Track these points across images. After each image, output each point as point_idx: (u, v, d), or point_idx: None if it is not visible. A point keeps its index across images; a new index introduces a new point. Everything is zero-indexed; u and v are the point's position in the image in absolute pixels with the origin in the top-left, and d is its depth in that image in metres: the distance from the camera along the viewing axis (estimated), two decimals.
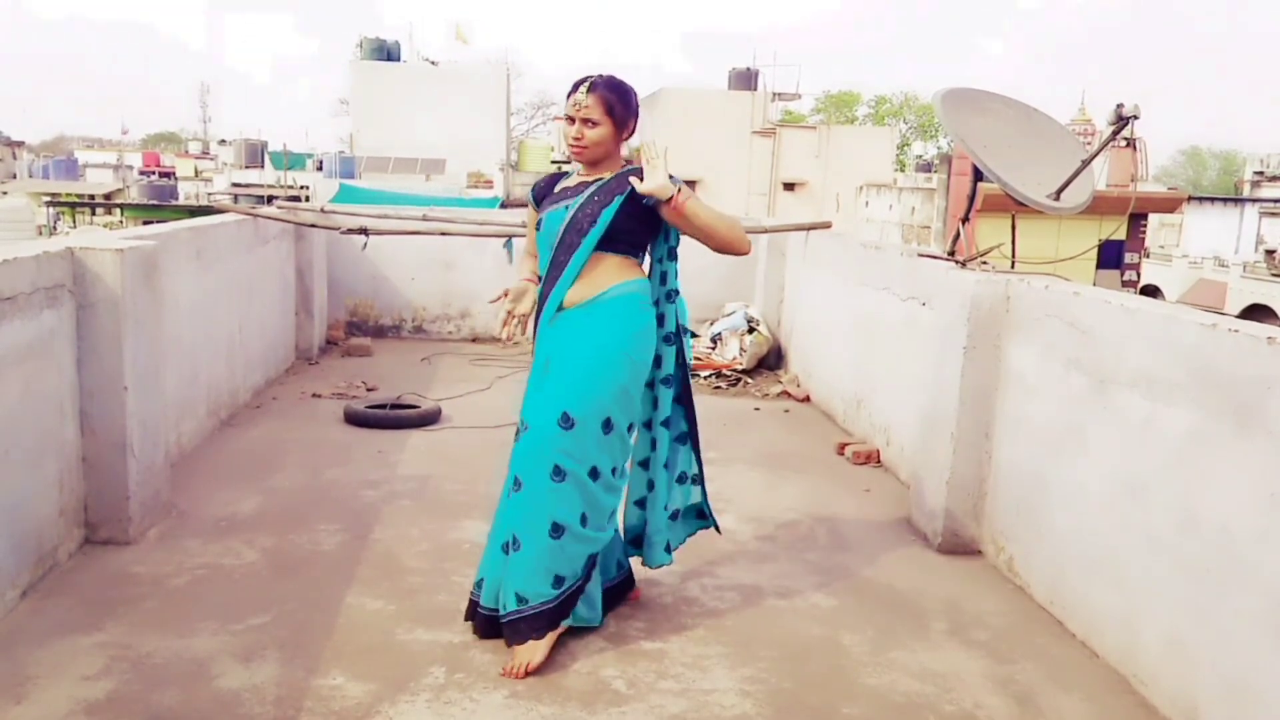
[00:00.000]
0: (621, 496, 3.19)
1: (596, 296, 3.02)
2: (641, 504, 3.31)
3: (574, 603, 3.01)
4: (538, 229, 3.15)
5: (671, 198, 2.93)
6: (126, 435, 3.61)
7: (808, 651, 3.12)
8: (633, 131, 3.11)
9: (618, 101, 3.02)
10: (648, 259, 3.20)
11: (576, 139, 3.02)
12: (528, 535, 2.92)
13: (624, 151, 3.13)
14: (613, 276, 3.03)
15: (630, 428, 3.10)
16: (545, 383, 3.01)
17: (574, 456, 2.93)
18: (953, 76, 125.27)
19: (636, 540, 3.35)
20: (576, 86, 3.02)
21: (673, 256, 3.20)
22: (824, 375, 6.33)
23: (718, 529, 3.49)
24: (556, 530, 2.92)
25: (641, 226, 3.06)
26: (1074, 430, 3.37)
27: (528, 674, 2.86)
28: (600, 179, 3.07)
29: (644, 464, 3.29)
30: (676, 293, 3.22)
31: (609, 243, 3.02)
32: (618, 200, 3.00)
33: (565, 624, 3.01)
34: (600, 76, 3.03)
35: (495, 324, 3.22)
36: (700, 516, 3.44)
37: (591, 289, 3.02)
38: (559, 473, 2.91)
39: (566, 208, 3.06)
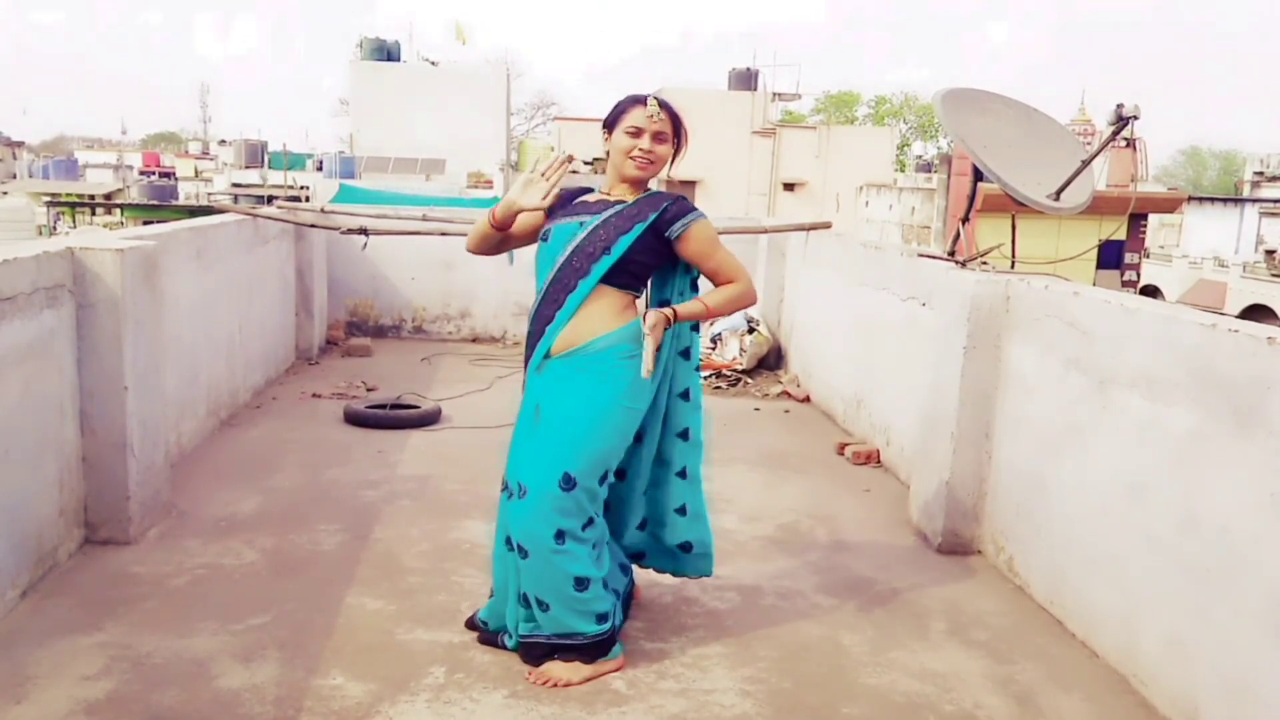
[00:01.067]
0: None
1: (582, 347, 2.84)
2: (641, 526, 3.23)
3: (615, 638, 2.97)
4: (543, 240, 2.95)
5: (670, 320, 2.84)
6: (126, 435, 3.61)
7: (808, 651, 3.12)
8: (681, 155, 3.00)
9: (680, 121, 2.94)
10: (662, 292, 3.06)
11: (647, 152, 2.86)
12: (554, 597, 2.82)
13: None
14: (602, 323, 2.85)
15: (616, 467, 2.98)
16: (538, 437, 2.85)
17: (574, 516, 2.81)
18: (952, 77, 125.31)
19: (636, 556, 3.27)
20: (642, 100, 2.88)
21: (695, 288, 3.07)
22: (824, 375, 6.33)
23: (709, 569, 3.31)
24: (581, 584, 2.82)
25: (654, 260, 2.92)
26: (1074, 430, 3.37)
27: (552, 685, 2.83)
28: (623, 202, 2.91)
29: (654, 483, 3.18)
30: (699, 326, 3.12)
31: (614, 274, 2.84)
32: (639, 228, 2.84)
33: (613, 659, 2.94)
34: (658, 96, 2.92)
35: (494, 324, 3.18)
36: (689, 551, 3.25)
37: (578, 335, 2.85)
38: (561, 536, 2.79)
39: (581, 224, 2.88)
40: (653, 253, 2.89)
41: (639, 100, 2.90)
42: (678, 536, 3.20)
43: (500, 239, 3.01)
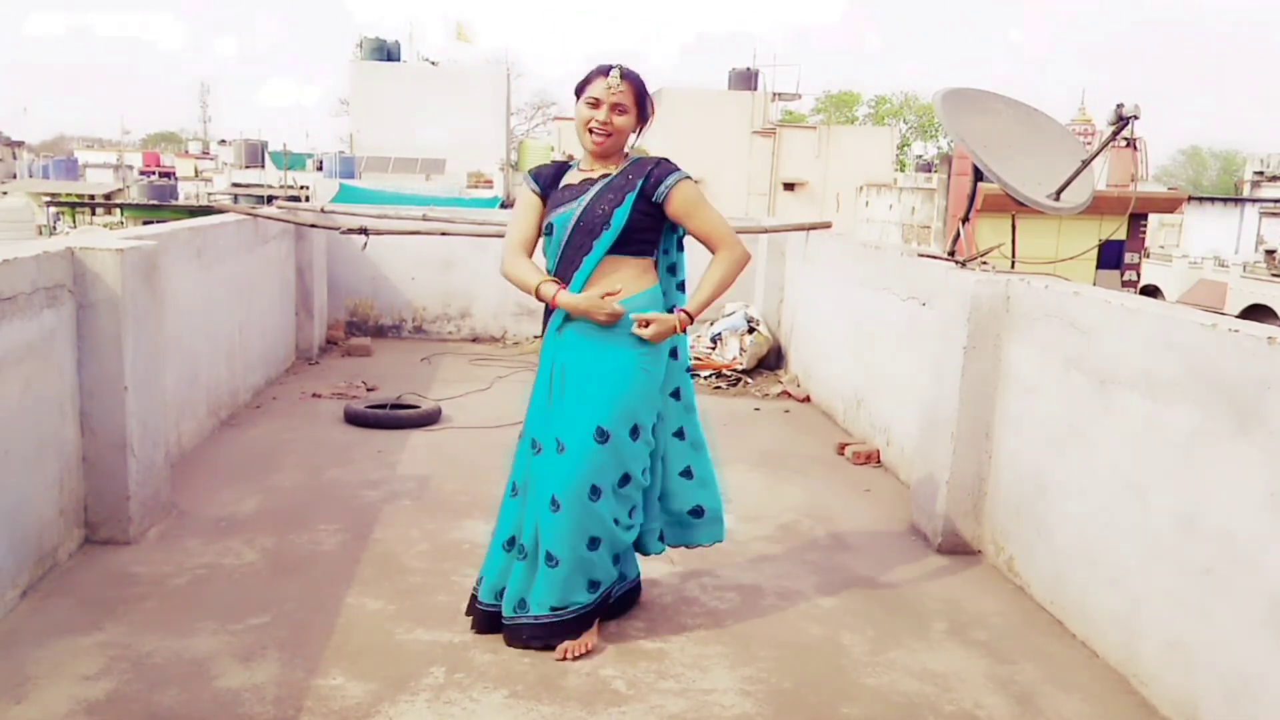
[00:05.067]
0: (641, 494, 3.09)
1: None
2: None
3: (608, 599, 3.06)
4: (547, 234, 3.01)
5: (682, 323, 2.97)
6: (126, 435, 3.61)
7: (808, 651, 3.12)
8: (646, 127, 3.04)
9: (645, 92, 2.97)
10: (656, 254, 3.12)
11: (604, 124, 2.90)
12: (568, 553, 2.91)
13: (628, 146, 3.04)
14: (624, 287, 2.92)
15: (650, 427, 3.04)
16: (569, 399, 2.92)
17: (609, 471, 2.91)
18: (954, 77, 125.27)
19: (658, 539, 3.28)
20: (605, 71, 2.91)
21: (681, 247, 3.15)
22: (824, 375, 6.33)
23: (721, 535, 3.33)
24: (594, 544, 2.94)
25: (654, 223, 2.98)
26: (1074, 430, 3.37)
27: (584, 654, 2.96)
28: (607, 175, 2.97)
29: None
30: (685, 285, 3.17)
31: (621, 245, 2.92)
32: (630, 198, 2.91)
33: (591, 631, 3.04)
34: (624, 66, 2.95)
35: (494, 324, 3.20)
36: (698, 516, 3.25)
37: None
38: (596, 492, 2.90)
39: (572, 210, 2.95)
40: (649, 217, 2.96)
41: (603, 71, 2.94)
42: (686, 501, 3.21)
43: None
